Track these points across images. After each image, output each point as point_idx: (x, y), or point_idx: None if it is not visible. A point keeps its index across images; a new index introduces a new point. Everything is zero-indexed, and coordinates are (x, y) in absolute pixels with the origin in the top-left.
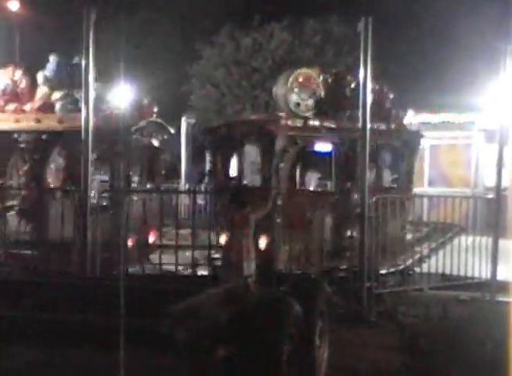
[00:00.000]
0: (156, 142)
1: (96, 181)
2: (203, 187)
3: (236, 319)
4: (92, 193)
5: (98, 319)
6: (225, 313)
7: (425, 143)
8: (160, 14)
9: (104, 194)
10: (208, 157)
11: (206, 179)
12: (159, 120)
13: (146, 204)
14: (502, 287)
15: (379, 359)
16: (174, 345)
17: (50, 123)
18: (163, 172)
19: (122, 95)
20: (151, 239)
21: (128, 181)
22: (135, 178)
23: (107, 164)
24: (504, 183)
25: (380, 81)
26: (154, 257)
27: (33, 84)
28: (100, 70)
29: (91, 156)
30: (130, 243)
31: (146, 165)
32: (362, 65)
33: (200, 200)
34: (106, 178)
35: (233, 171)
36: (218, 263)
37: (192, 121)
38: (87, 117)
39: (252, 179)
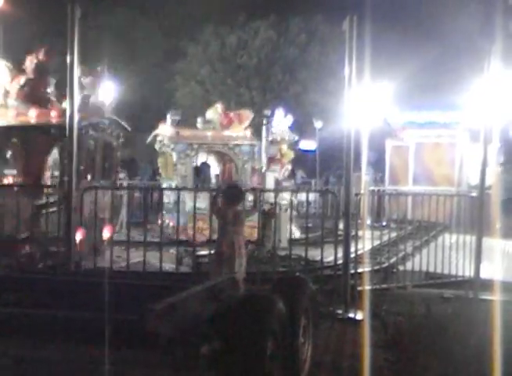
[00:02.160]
0: (112, 139)
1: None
2: None
3: (221, 315)
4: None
5: (80, 314)
6: (209, 309)
7: (410, 142)
8: (144, 11)
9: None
10: None
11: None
12: (114, 117)
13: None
14: (485, 285)
15: (362, 356)
16: (159, 341)
17: None
18: (118, 169)
19: (106, 92)
20: (105, 234)
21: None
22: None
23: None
24: (488, 182)
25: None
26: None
27: None
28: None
29: None
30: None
31: (100, 162)
32: (347, 63)
33: None
34: None
35: None
36: None
37: (177, 118)
38: (72, 114)
39: None
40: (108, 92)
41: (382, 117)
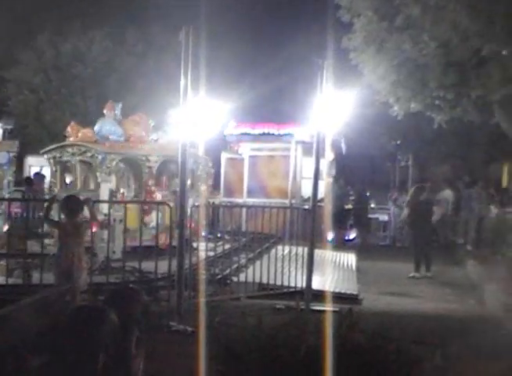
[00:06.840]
0: None
1: None
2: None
3: (51, 327)
4: None
5: None
6: (38, 322)
7: (245, 154)
8: None
9: None
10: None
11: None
12: None
13: None
14: (316, 295)
15: (195, 368)
16: None
17: None
18: None
19: None
20: None
21: None
22: None
23: None
24: (320, 195)
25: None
26: None
27: None
28: None
29: None
30: None
31: None
32: (182, 74)
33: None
34: None
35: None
36: None
37: (10, 127)
38: None
39: None
40: None
41: (218, 130)
